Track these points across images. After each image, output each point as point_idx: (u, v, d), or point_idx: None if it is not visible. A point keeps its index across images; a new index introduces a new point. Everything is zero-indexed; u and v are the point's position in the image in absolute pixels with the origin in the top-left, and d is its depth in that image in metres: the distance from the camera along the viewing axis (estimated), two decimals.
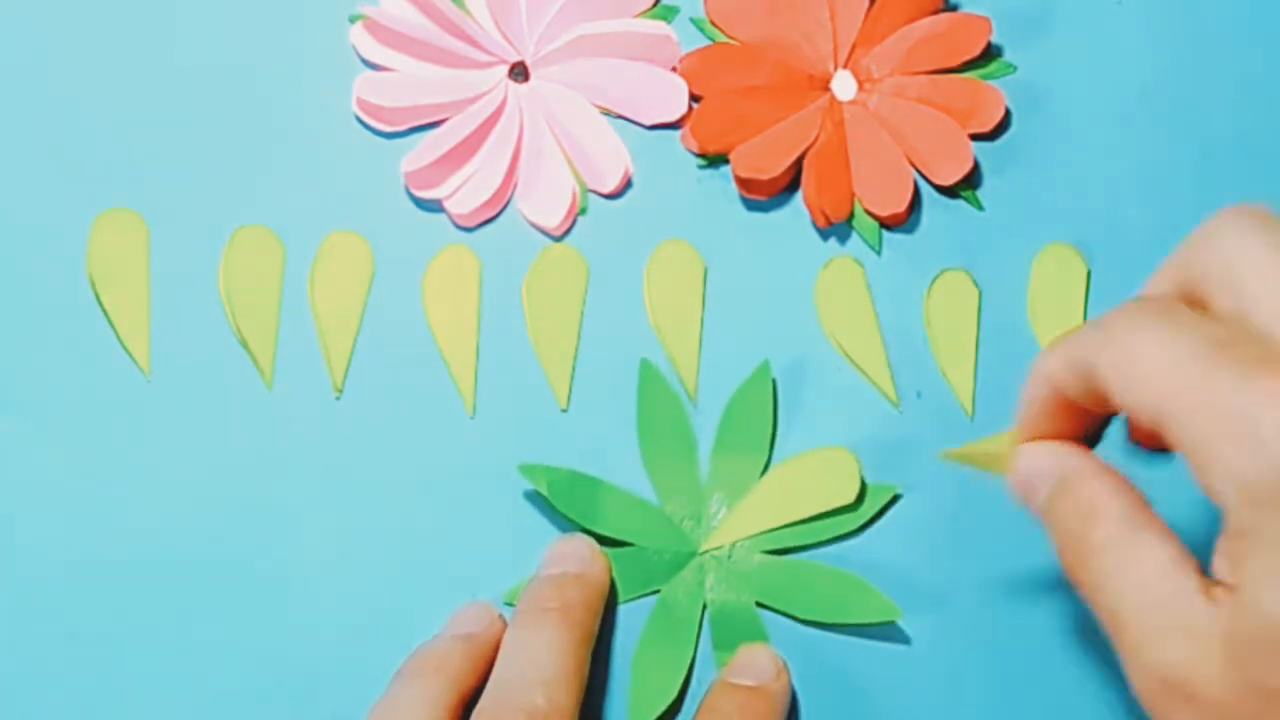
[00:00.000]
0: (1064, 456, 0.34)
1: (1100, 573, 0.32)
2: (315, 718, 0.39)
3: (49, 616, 0.40)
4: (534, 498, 0.40)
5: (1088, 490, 0.33)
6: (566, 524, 0.40)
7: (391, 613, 0.40)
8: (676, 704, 0.39)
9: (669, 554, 0.40)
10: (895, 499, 0.41)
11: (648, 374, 0.41)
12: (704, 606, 0.40)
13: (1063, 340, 0.33)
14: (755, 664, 0.39)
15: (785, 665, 0.39)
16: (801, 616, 0.40)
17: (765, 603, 0.40)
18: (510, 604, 0.40)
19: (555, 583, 0.39)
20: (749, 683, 0.38)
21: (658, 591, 0.40)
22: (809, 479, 0.40)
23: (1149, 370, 0.30)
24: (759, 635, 0.40)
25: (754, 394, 0.41)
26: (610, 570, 0.40)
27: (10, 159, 0.42)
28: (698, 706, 0.38)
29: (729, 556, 0.40)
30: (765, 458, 0.41)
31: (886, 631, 0.40)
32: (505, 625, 0.39)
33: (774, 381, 0.41)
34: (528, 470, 0.40)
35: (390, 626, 0.40)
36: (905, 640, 0.40)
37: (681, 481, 0.40)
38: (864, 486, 0.41)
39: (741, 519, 0.40)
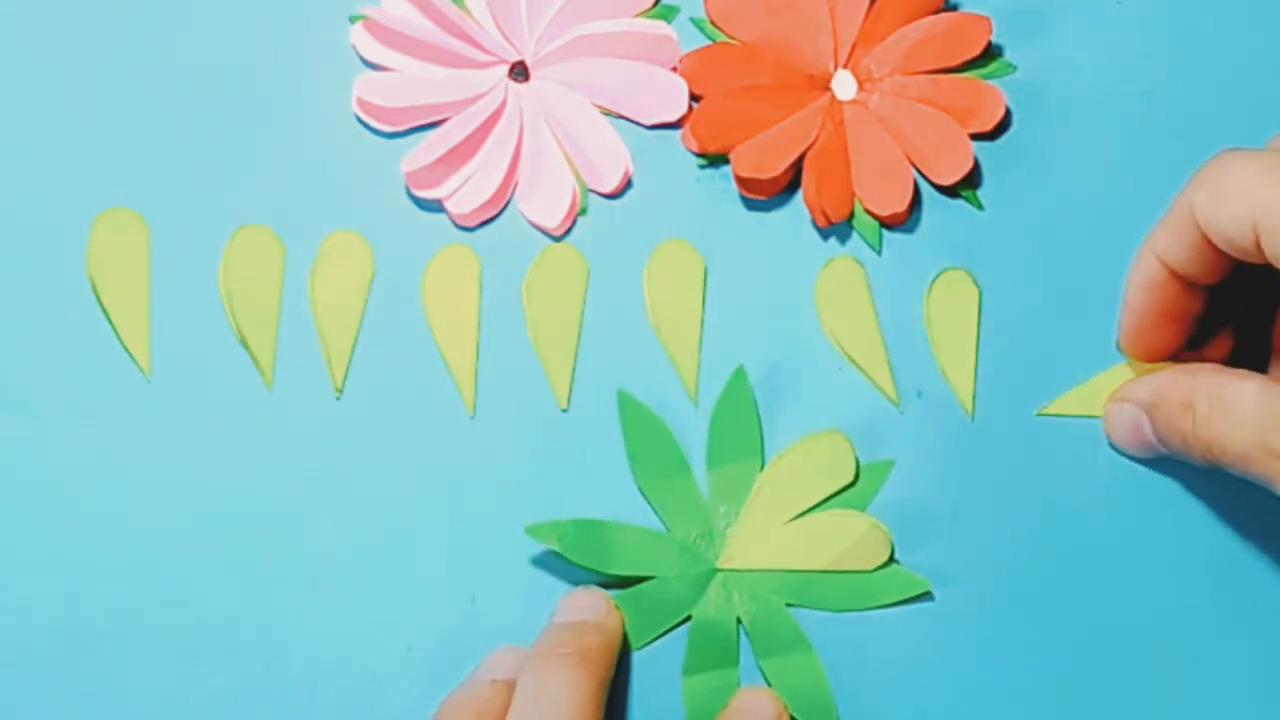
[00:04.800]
0: (1140, 388, 0.39)
1: (1214, 436, 0.35)
2: (314, 717, 0.39)
3: (49, 616, 0.40)
4: (535, 499, 0.40)
5: (1174, 391, 0.37)
6: (565, 515, 0.40)
7: (391, 613, 0.40)
8: None
9: (690, 577, 0.40)
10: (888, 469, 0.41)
11: (626, 404, 0.41)
12: (738, 620, 0.40)
13: (1159, 222, 0.38)
14: (760, 710, 0.39)
15: (786, 708, 0.39)
16: (834, 608, 0.40)
17: (795, 602, 0.40)
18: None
19: (572, 629, 0.38)
20: None
21: (689, 618, 0.40)
22: (805, 468, 0.40)
23: (1236, 181, 0.34)
24: (796, 637, 0.40)
25: (736, 402, 0.41)
26: (624, 624, 0.39)
27: (10, 159, 0.42)
28: None
29: (737, 590, 0.40)
30: (759, 461, 0.41)
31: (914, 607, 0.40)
32: None
33: (752, 387, 0.41)
34: (534, 530, 0.40)
35: (390, 626, 0.40)
36: (933, 613, 0.40)
37: (684, 502, 0.40)
38: (859, 466, 0.41)
39: (751, 524, 0.40)
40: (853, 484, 0.41)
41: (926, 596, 0.40)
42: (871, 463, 0.41)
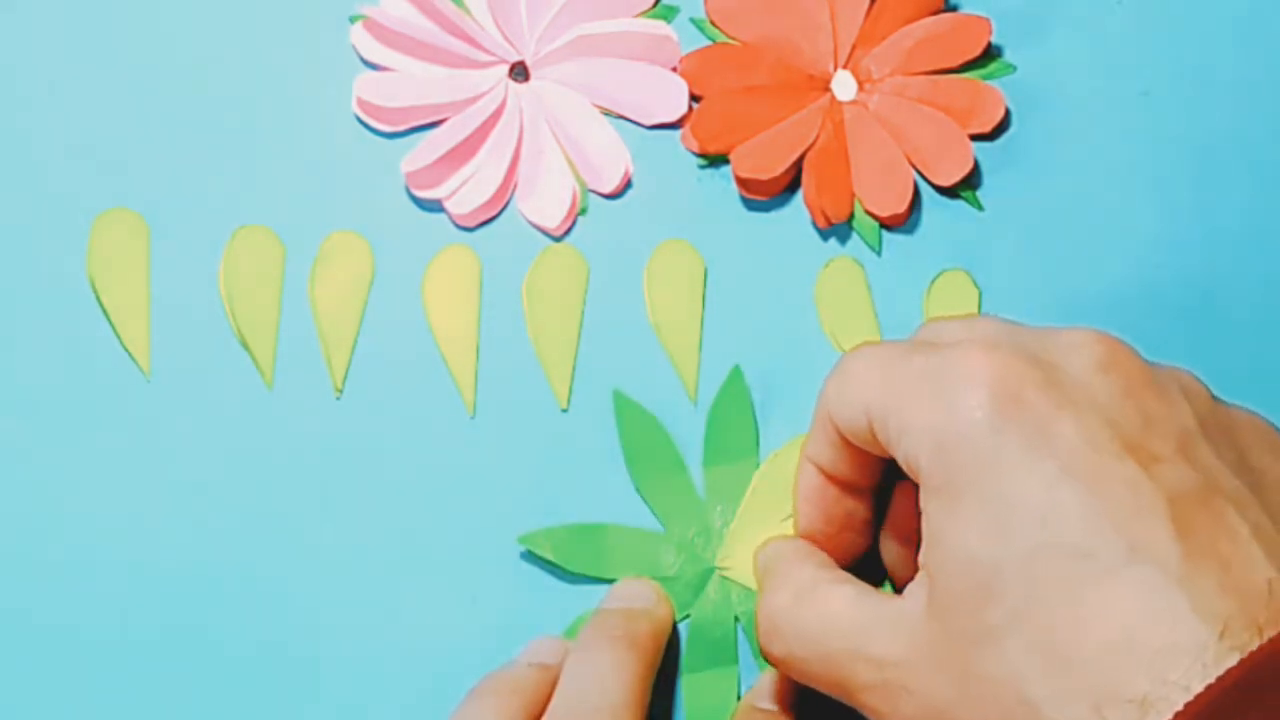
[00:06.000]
0: (766, 552, 0.38)
1: (798, 637, 0.34)
2: (314, 717, 0.39)
3: (49, 616, 0.40)
4: (534, 499, 0.40)
5: (776, 569, 0.36)
6: (566, 515, 0.40)
7: (391, 613, 0.40)
8: None
9: (688, 577, 0.40)
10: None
11: (622, 404, 0.41)
12: (735, 619, 0.40)
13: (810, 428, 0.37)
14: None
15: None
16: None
17: (744, 626, 0.40)
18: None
19: (622, 614, 0.38)
20: (774, 707, 0.38)
21: (687, 618, 0.40)
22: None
23: (855, 370, 0.34)
24: (729, 661, 0.40)
25: (732, 401, 0.41)
26: (674, 614, 0.39)
27: (10, 159, 0.42)
28: None
29: (736, 586, 0.40)
30: (755, 460, 0.41)
31: None
32: None
33: (748, 386, 0.41)
34: (527, 539, 0.40)
35: (390, 626, 0.40)
36: None
37: (681, 501, 0.40)
38: None
39: (747, 522, 0.40)
40: None
41: None
42: None
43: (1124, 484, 0.30)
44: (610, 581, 0.40)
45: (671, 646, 0.40)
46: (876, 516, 0.38)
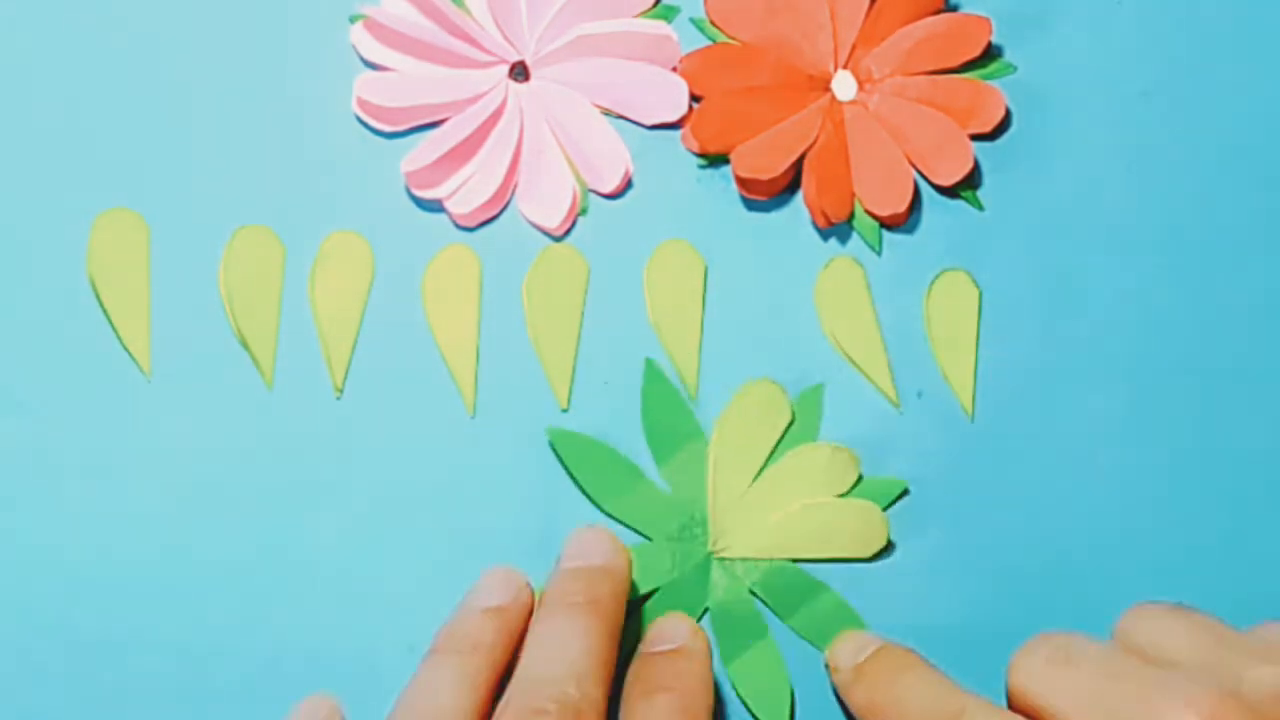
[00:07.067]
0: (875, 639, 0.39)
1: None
2: None
3: (49, 617, 0.40)
4: (535, 498, 0.40)
5: (898, 649, 0.38)
6: (565, 515, 0.40)
7: (391, 612, 0.40)
8: None
9: (691, 573, 0.40)
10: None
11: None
12: (752, 592, 0.40)
13: None
14: (671, 631, 0.39)
15: (702, 630, 0.39)
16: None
17: (760, 595, 0.40)
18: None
19: (582, 576, 0.38)
20: (668, 647, 0.38)
21: (706, 611, 0.40)
22: (746, 423, 0.41)
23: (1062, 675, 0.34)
24: (810, 584, 0.40)
25: (655, 393, 0.41)
26: (631, 563, 0.39)
27: (10, 159, 0.42)
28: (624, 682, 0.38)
29: (738, 561, 0.40)
30: (703, 438, 0.41)
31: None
32: (533, 593, 0.38)
33: (664, 372, 0.41)
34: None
35: (390, 626, 0.40)
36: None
37: (652, 506, 0.40)
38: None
39: (723, 498, 0.40)
40: (792, 421, 0.41)
41: (905, 496, 0.41)
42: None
43: None
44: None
45: (637, 613, 0.40)
46: None
